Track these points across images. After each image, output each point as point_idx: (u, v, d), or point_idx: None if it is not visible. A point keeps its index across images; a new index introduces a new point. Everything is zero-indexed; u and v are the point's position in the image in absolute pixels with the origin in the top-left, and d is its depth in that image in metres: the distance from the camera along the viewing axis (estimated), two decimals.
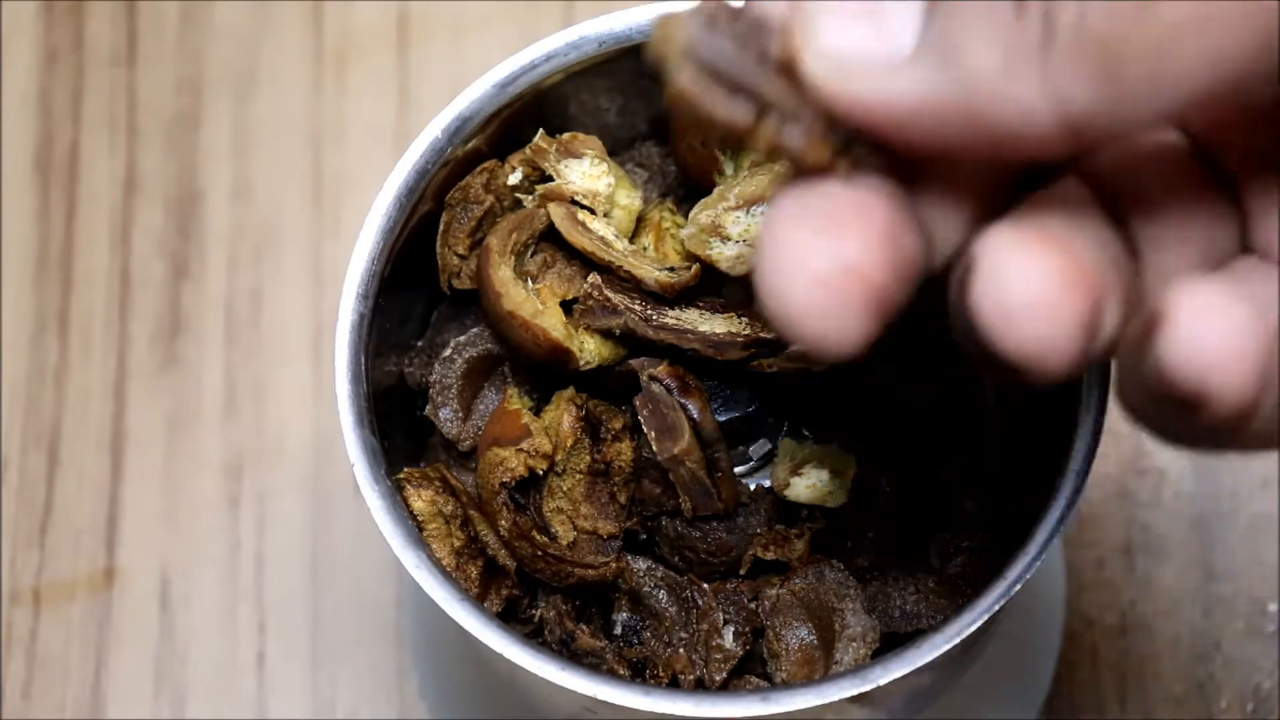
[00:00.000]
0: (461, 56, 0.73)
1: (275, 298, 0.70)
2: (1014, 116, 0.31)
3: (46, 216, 0.71)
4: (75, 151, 0.72)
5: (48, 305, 0.70)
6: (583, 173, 0.50)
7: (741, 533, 0.48)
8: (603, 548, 0.49)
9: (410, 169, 0.49)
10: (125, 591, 0.66)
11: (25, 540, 0.67)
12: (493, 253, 0.49)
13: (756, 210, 0.48)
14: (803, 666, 0.48)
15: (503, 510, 0.47)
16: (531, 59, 0.50)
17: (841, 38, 0.32)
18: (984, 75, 0.31)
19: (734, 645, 0.48)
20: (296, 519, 0.67)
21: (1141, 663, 0.64)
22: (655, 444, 0.47)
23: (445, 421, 0.50)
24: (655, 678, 0.48)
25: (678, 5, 0.51)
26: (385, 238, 0.49)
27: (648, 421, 0.47)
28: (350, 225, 0.70)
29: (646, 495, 0.48)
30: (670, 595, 0.49)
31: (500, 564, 0.48)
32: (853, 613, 0.48)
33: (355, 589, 0.66)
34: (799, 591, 0.48)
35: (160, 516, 0.67)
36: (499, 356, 0.51)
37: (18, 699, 0.65)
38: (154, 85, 0.73)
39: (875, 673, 0.44)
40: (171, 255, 0.70)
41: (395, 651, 0.65)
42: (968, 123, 0.32)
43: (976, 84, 0.31)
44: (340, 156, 0.72)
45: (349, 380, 0.48)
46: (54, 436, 0.68)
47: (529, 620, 0.49)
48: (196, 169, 0.71)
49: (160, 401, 0.68)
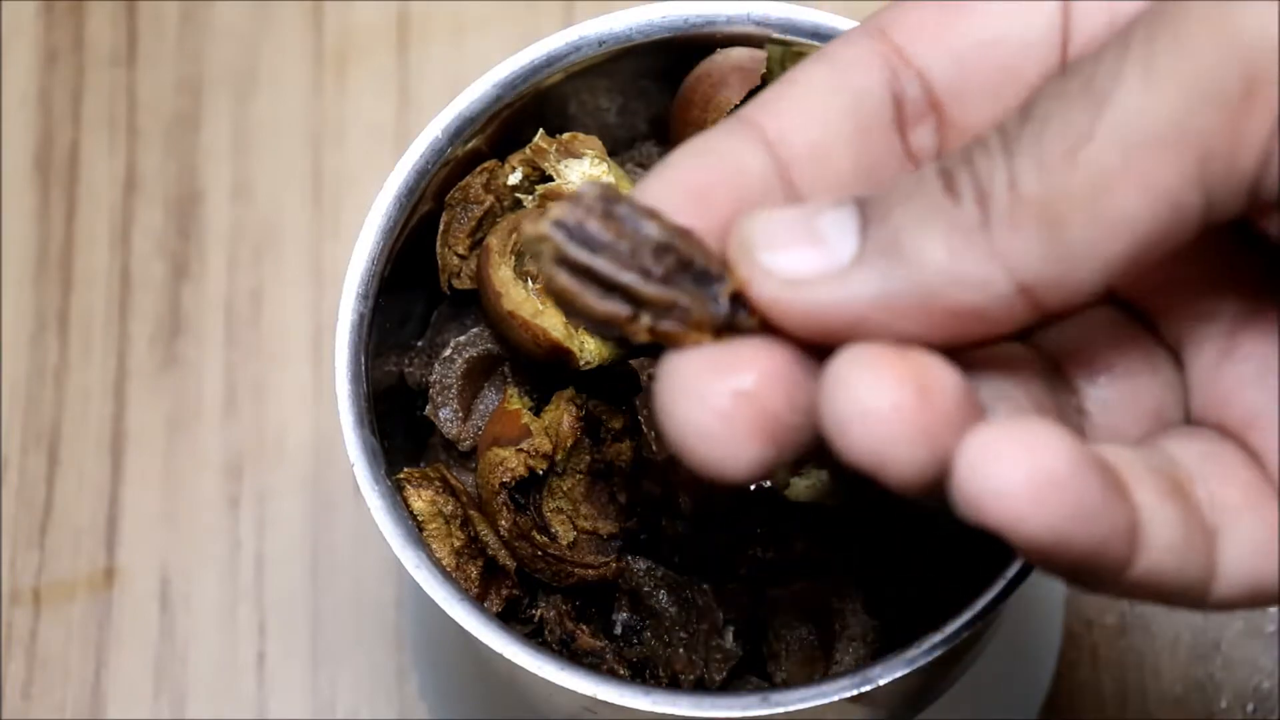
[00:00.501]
0: (461, 56, 0.73)
1: (275, 298, 0.70)
2: (972, 296, 0.31)
3: (46, 216, 0.71)
4: (75, 151, 0.72)
5: (48, 305, 0.70)
6: (583, 173, 0.50)
7: (741, 533, 0.48)
8: (603, 548, 0.49)
9: (410, 169, 0.49)
10: (125, 591, 0.66)
11: (25, 540, 0.67)
12: (493, 253, 0.49)
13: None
14: (803, 666, 0.48)
15: (503, 510, 0.47)
16: (531, 59, 0.50)
17: (784, 262, 0.32)
18: (932, 265, 0.31)
19: (734, 645, 0.48)
20: (296, 519, 0.67)
21: (1141, 663, 0.63)
22: (655, 444, 0.47)
23: (445, 421, 0.50)
24: (655, 678, 0.48)
25: (678, 5, 0.51)
26: (385, 238, 0.49)
27: (648, 421, 0.47)
28: (350, 225, 0.70)
29: (646, 495, 0.48)
30: (670, 595, 0.49)
31: (500, 564, 0.48)
32: (853, 613, 0.48)
33: (355, 589, 0.66)
34: (799, 591, 0.48)
35: (160, 516, 0.67)
36: (499, 356, 0.51)
37: (18, 699, 0.65)
38: (154, 85, 0.73)
39: (875, 673, 0.44)
40: (171, 255, 0.70)
41: (395, 651, 0.65)
42: (926, 312, 0.31)
43: (927, 275, 0.31)
44: (340, 156, 0.72)
45: (349, 380, 0.48)
46: (54, 436, 0.68)
47: (529, 620, 0.49)
48: (196, 169, 0.71)
49: (160, 401, 0.68)
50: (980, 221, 0.31)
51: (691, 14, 0.51)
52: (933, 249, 0.31)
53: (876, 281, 0.32)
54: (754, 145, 0.34)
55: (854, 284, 0.32)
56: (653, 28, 0.51)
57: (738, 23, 0.51)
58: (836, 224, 0.32)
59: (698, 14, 0.51)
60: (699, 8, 0.51)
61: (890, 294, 0.32)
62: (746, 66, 0.50)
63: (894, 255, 0.32)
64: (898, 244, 0.32)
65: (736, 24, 0.51)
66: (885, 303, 0.32)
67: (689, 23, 0.51)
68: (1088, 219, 0.30)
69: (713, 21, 0.51)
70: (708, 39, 0.51)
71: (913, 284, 0.31)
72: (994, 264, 0.31)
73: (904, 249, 0.32)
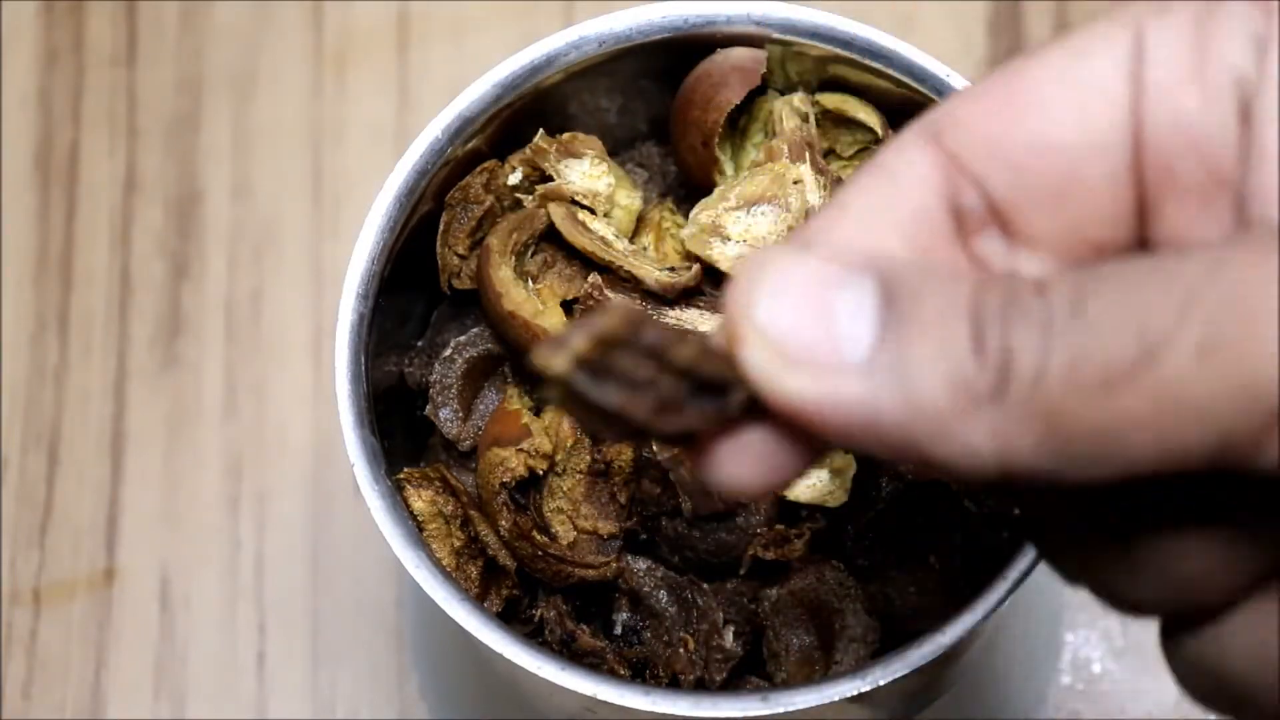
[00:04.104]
0: (461, 56, 0.73)
1: (275, 298, 0.70)
2: (954, 451, 0.30)
3: (46, 216, 0.71)
4: (75, 151, 0.72)
5: (48, 305, 0.70)
6: (583, 173, 0.50)
7: (741, 533, 0.48)
8: (603, 548, 0.49)
9: (410, 169, 0.49)
10: (125, 591, 0.66)
11: (25, 540, 0.67)
12: (493, 253, 0.49)
13: (757, 210, 0.48)
14: (803, 666, 0.48)
15: (503, 510, 0.47)
16: (531, 59, 0.50)
17: (787, 326, 0.31)
18: (930, 406, 0.30)
19: (734, 645, 0.48)
20: (296, 519, 0.67)
21: (1142, 662, 0.64)
22: (656, 446, 0.47)
23: (445, 421, 0.50)
24: (655, 678, 0.48)
25: (678, 5, 0.51)
26: (385, 238, 0.49)
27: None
28: (350, 225, 0.70)
29: (646, 495, 0.48)
30: (670, 595, 0.49)
31: (500, 564, 0.48)
32: (853, 613, 0.48)
33: (355, 589, 0.66)
34: (799, 591, 0.48)
35: (160, 516, 0.67)
36: (499, 356, 0.51)
37: (18, 699, 0.65)
38: (154, 85, 0.73)
39: (875, 673, 0.44)
40: (171, 255, 0.70)
41: (395, 651, 0.65)
42: (904, 442, 0.30)
43: (921, 412, 0.30)
44: (340, 156, 0.72)
45: (349, 380, 0.48)
46: (54, 436, 0.68)
47: (529, 620, 0.49)
48: (196, 169, 0.71)
49: (160, 401, 0.68)
50: (993, 393, 0.30)
51: (691, 14, 0.51)
52: (939, 392, 0.30)
53: (872, 392, 0.30)
54: None
55: (849, 384, 0.30)
56: (653, 28, 0.51)
57: (738, 23, 0.51)
58: (853, 307, 0.31)
59: (698, 14, 0.51)
60: (699, 8, 0.51)
61: (880, 412, 0.30)
62: (746, 66, 0.50)
63: (900, 377, 0.30)
64: (907, 370, 0.30)
65: (736, 24, 0.51)
66: (872, 417, 0.30)
67: (689, 23, 0.51)
68: (1097, 446, 0.30)
69: (713, 21, 0.51)
70: (708, 39, 0.51)
71: (905, 414, 0.30)
72: (988, 440, 0.30)
73: (911, 378, 0.30)
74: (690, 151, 0.51)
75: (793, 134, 0.50)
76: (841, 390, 0.30)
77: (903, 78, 0.50)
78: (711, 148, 0.50)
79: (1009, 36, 0.72)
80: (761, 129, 0.52)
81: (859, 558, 0.49)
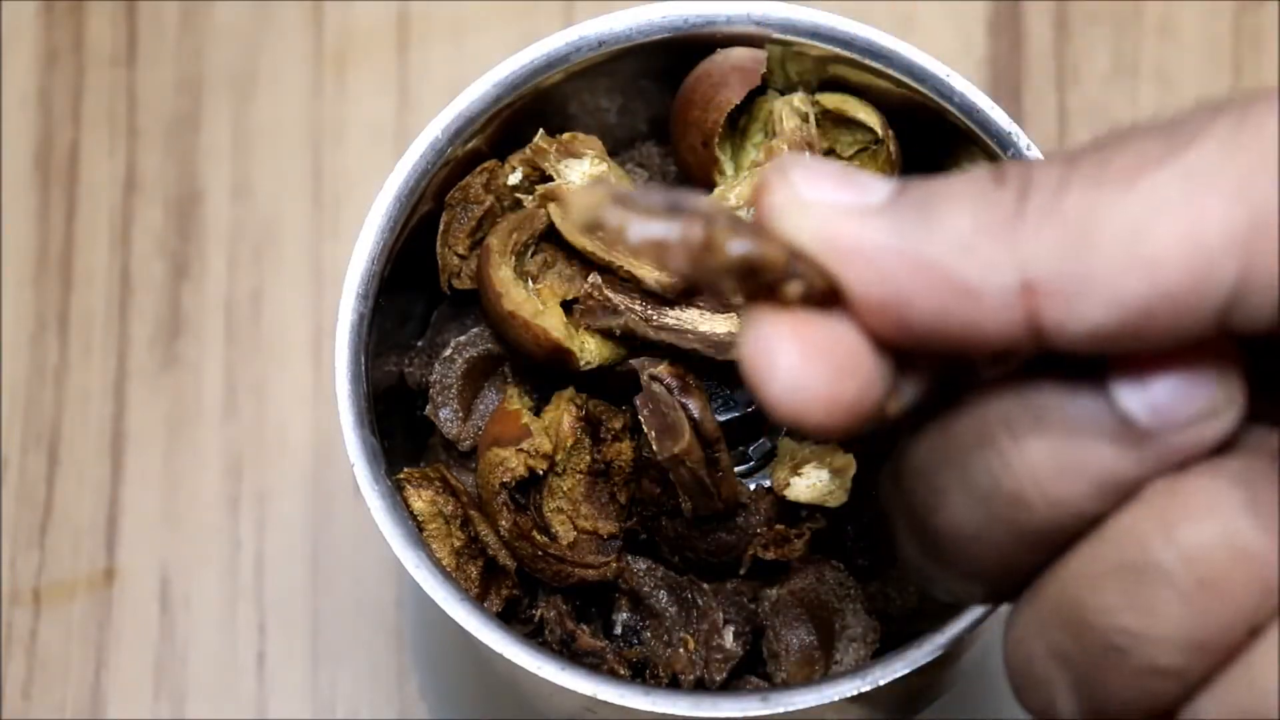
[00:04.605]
0: (461, 56, 0.73)
1: (275, 298, 0.70)
2: (977, 274, 0.31)
3: (46, 216, 0.71)
4: (75, 151, 0.72)
5: (48, 305, 0.70)
6: (583, 173, 0.50)
7: (741, 533, 0.48)
8: (603, 548, 0.49)
9: (410, 169, 0.49)
10: (125, 591, 0.66)
11: (25, 540, 0.67)
12: (493, 253, 0.49)
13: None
14: (803, 666, 0.48)
15: (503, 510, 0.47)
16: (531, 59, 0.50)
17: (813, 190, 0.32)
18: (953, 231, 0.31)
19: (734, 645, 0.48)
20: (296, 519, 0.67)
21: None
22: (655, 444, 0.47)
23: (445, 421, 0.50)
24: (655, 678, 0.48)
25: (678, 5, 0.51)
26: (385, 238, 0.49)
27: (648, 421, 0.47)
28: (350, 225, 0.70)
29: (646, 495, 0.48)
30: (670, 595, 0.49)
31: (500, 564, 0.48)
32: (853, 613, 0.48)
33: (355, 589, 0.66)
34: (799, 591, 0.48)
35: (160, 516, 0.67)
36: (499, 356, 0.51)
37: (18, 699, 0.65)
38: (154, 85, 0.73)
39: (875, 673, 0.44)
40: (171, 255, 0.70)
41: (395, 651, 0.65)
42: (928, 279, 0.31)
43: (944, 238, 0.31)
44: (340, 156, 0.72)
45: (349, 380, 0.48)
46: (54, 436, 0.68)
47: (529, 620, 0.49)
48: (196, 169, 0.71)
49: (160, 401, 0.68)
50: (1014, 209, 0.31)
51: (691, 14, 0.51)
52: (958, 217, 0.31)
53: (895, 230, 0.32)
54: None
55: (872, 226, 0.32)
56: (653, 28, 0.51)
57: (738, 23, 0.51)
58: (876, 180, 0.33)
59: (698, 14, 0.51)
60: (699, 8, 0.51)
61: (903, 247, 0.32)
62: (746, 66, 0.50)
63: (920, 212, 0.32)
64: (928, 205, 0.32)
65: (736, 24, 0.51)
66: (895, 253, 0.32)
67: (689, 23, 0.51)
68: (1119, 247, 0.30)
69: (713, 21, 0.51)
70: (708, 39, 0.51)
71: (928, 244, 0.32)
72: (1009, 253, 0.31)
73: (932, 210, 0.32)
74: (690, 151, 0.51)
75: (793, 134, 0.50)
76: (868, 226, 0.32)
77: (903, 78, 0.50)
78: (711, 148, 0.50)
79: (1009, 36, 0.72)
80: (761, 129, 0.52)
81: (859, 558, 0.49)
